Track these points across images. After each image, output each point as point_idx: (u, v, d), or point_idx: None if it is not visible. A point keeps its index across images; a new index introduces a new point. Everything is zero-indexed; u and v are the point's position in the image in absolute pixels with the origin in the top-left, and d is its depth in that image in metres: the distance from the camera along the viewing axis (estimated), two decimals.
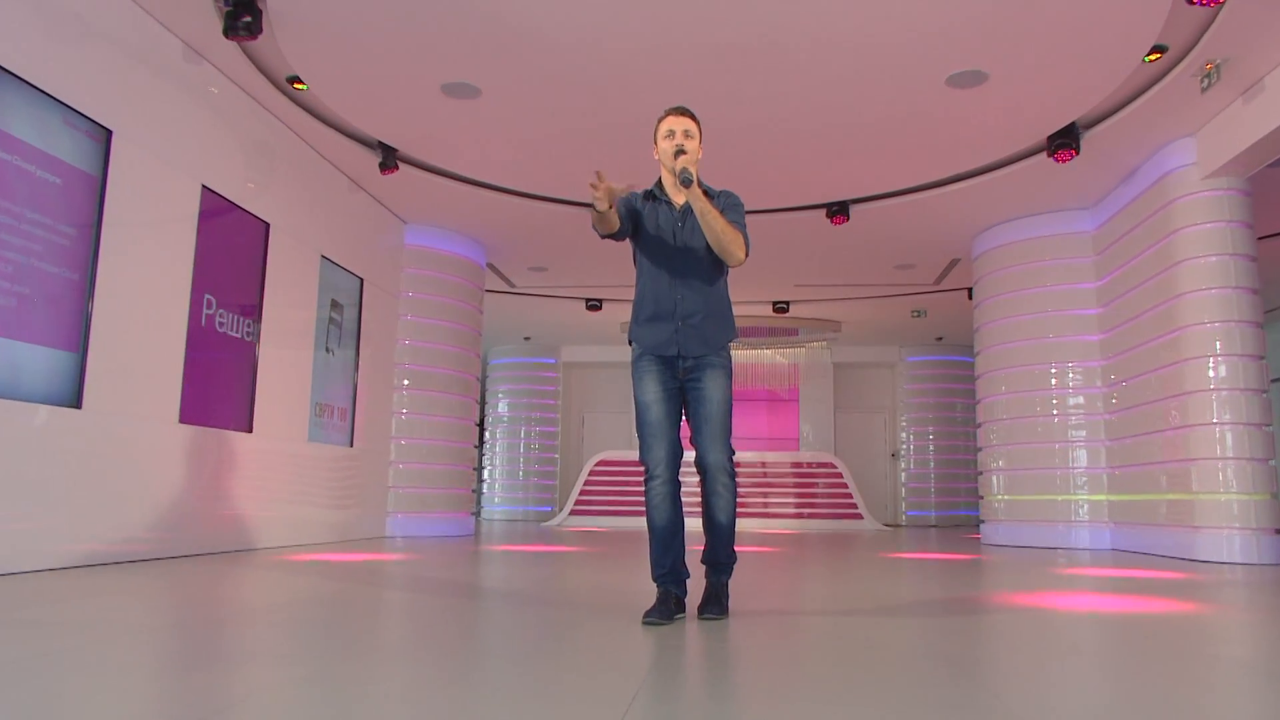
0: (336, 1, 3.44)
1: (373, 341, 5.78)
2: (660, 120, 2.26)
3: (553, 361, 11.10)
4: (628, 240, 2.32)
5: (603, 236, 2.19)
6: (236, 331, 4.21)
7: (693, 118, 2.25)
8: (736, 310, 8.60)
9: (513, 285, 8.00)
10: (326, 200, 5.16)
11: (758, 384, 10.55)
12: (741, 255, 2.17)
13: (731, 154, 4.84)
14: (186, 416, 3.82)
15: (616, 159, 4.82)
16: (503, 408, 10.98)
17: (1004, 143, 4.73)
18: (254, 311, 4.37)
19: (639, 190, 2.30)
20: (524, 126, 4.57)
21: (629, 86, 3.97)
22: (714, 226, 2.13)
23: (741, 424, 11.11)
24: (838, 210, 5.66)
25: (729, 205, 2.26)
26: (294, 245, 4.77)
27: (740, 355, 10.41)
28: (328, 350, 5.13)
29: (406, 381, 6.18)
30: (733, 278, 6.72)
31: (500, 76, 3.98)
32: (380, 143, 4.92)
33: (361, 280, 5.63)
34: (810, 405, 10.93)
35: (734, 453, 2.21)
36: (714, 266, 2.20)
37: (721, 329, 2.21)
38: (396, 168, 5.03)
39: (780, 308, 8.57)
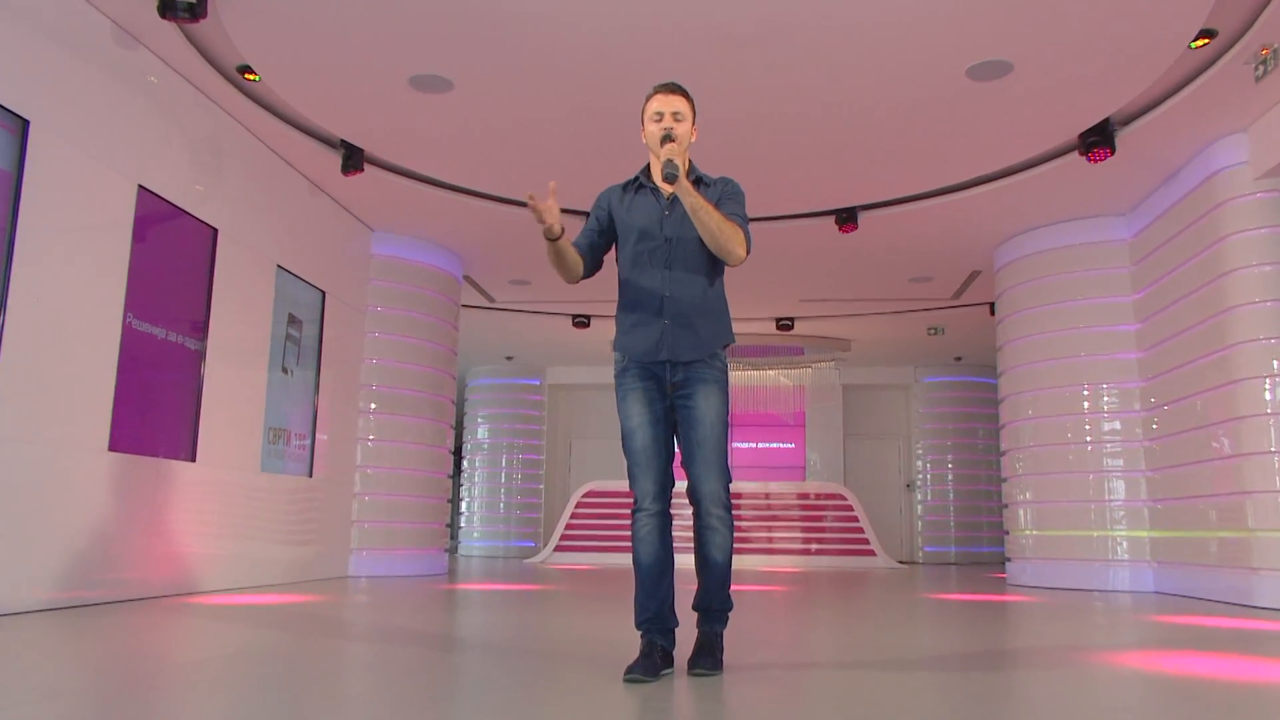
0: None
1: (336, 361, 5.69)
2: (648, 99, 2.19)
3: (537, 383, 11.03)
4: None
5: (568, 281, 2.14)
6: (178, 350, 4.08)
7: (684, 95, 2.19)
8: (735, 327, 8.56)
9: (492, 300, 7.94)
10: (284, 205, 5.07)
11: (760, 408, 10.48)
12: (742, 253, 2.10)
13: (726, 152, 4.77)
14: (118, 444, 3.66)
15: (604, 157, 4.73)
16: (482, 434, 10.88)
17: (1031, 141, 4.66)
18: (199, 327, 4.26)
19: (609, 189, 2.23)
20: (502, 123, 4.50)
21: (616, 76, 3.89)
22: (708, 224, 2.06)
23: (743, 451, 11.03)
24: (846, 218, 5.60)
25: (727, 195, 2.19)
26: (246, 254, 4.67)
27: (740, 376, 10.36)
28: (284, 370, 5.03)
29: (374, 405, 6.08)
30: (731, 291, 6.61)
31: (474, 67, 3.90)
32: (343, 141, 4.83)
33: (323, 293, 5.54)
34: (817, 431, 10.89)
35: (731, 481, 2.12)
36: (709, 260, 2.15)
37: (716, 331, 2.14)
38: (361, 169, 4.94)
39: (784, 325, 8.52)
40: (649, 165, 2.25)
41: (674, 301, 2.11)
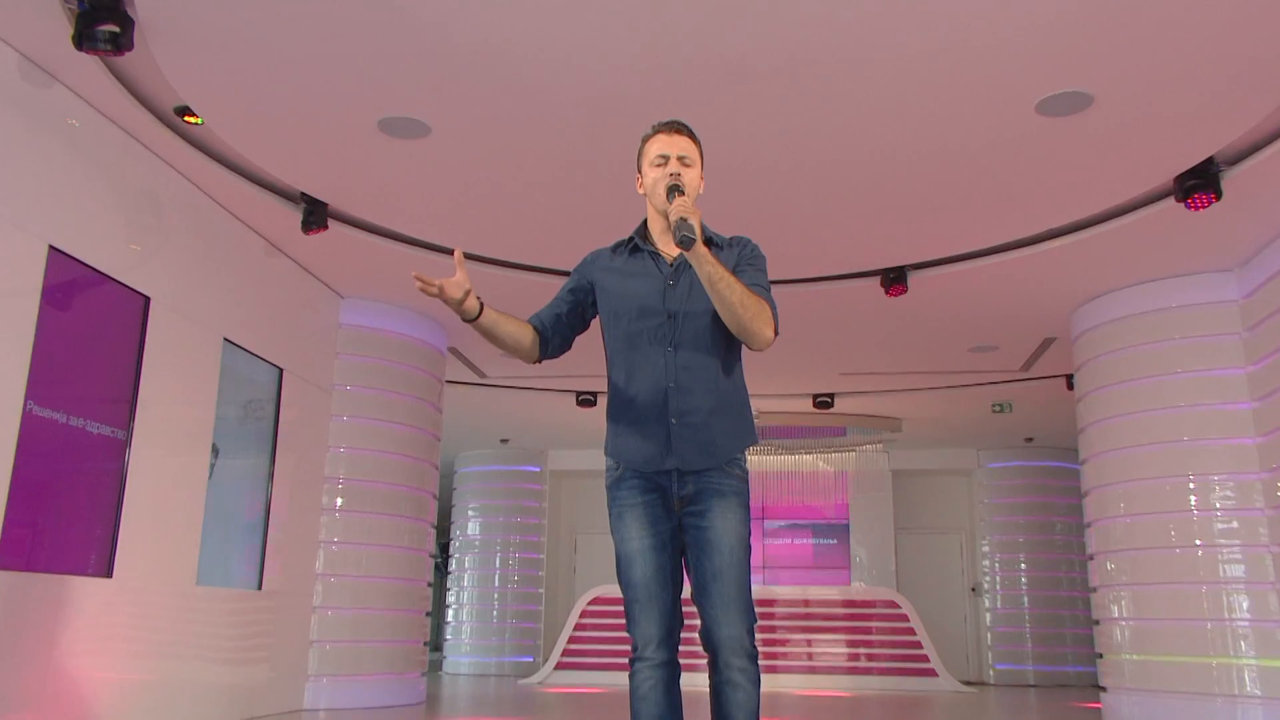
0: (233, 10, 3.21)
1: (295, 448, 5.51)
2: (646, 140, 2.13)
3: (536, 469, 10.89)
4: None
5: (527, 361, 2.13)
6: (95, 441, 3.87)
7: (691, 136, 2.13)
8: (765, 405, 8.55)
9: (484, 375, 7.80)
10: (234, 268, 4.95)
11: (796, 499, 10.36)
12: (769, 334, 2.01)
13: (749, 206, 4.64)
14: (7, 559, 3.37)
15: (606, 210, 4.60)
16: (473, 528, 10.66)
17: (1115, 186, 4.48)
18: (124, 413, 4.04)
19: (597, 252, 2.17)
20: (488, 172, 4.39)
21: (619, 120, 3.78)
22: (728, 298, 1.95)
23: (778, 549, 10.77)
24: (893, 279, 5.45)
25: (745, 259, 2.11)
26: (185, 326, 4.51)
27: (772, 462, 10.21)
28: (230, 460, 4.86)
29: (340, 501, 5.87)
30: (759, 365, 6.62)
31: (454, 109, 3.80)
32: (303, 195, 4.71)
33: (280, 371, 5.39)
34: (864, 524, 10.65)
35: (756, 621, 2.00)
36: (724, 340, 2.06)
37: (736, 430, 2.06)
38: (325, 226, 4.80)
39: (822, 402, 8.36)
40: (645, 222, 2.17)
41: (682, 394, 2.01)
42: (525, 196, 4.62)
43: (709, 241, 2.12)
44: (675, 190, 2.01)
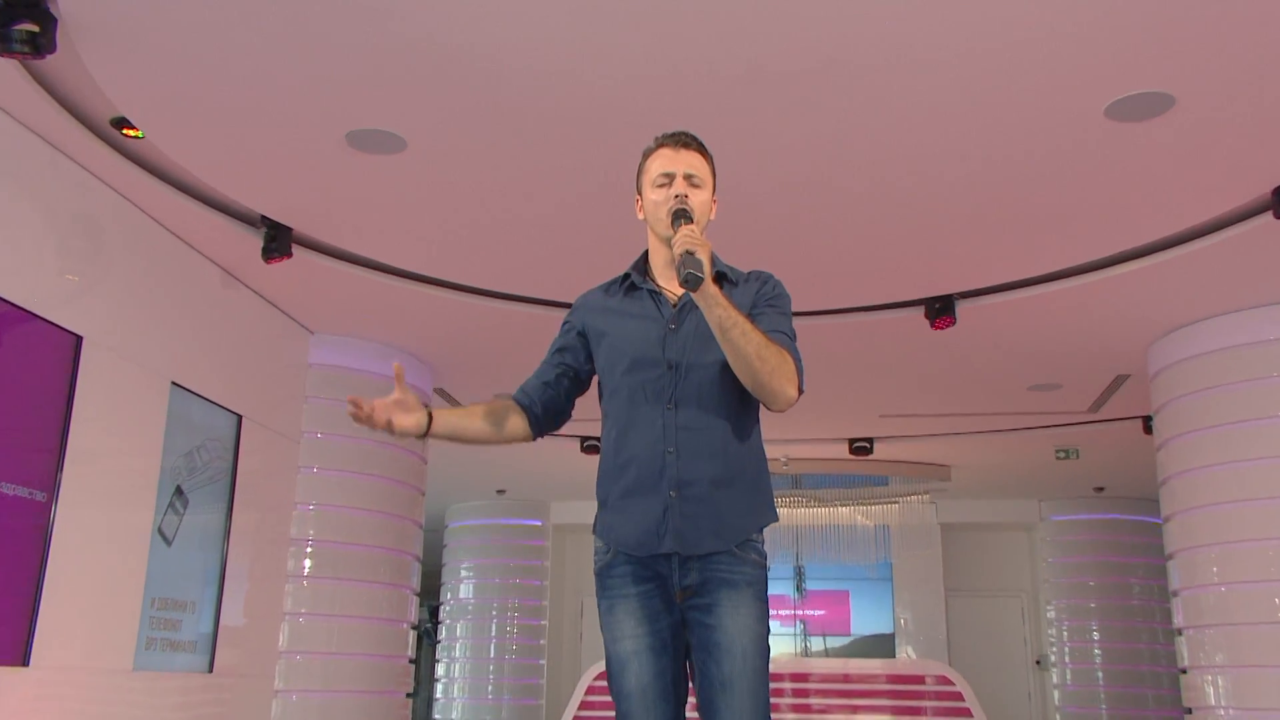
0: (174, 6, 3.12)
1: (255, 506, 5.40)
2: (647, 156, 2.10)
3: (538, 523, 10.87)
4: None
5: (528, 440, 2.15)
6: (11, 504, 3.74)
7: (701, 151, 2.09)
8: (795, 450, 8.53)
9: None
10: (184, 302, 4.87)
11: (832, 557, 10.30)
12: (792, 392, 1.95)
13: (771, 228, 4.57)
14: None
15: (610, 233, 4.49)
16: (466, 591, 10.62)
17: (1200, 201, 4.34)
18: (48, 471, 3.91)
19: (589, 293, 2.17)
20: (471, 193, 4.34)
21: (622, 133, 3.70)
22: (744, 349, 1.89)
23: (812, 616, 10.81)
24: (940, 309, 5.37)
25: (765, 300, 2.07)
26: (125, 369, 4.40)
27: (804, 515, 10.11)
28: (177, 518, 4.76)
29: (308, 565, 5.76)
30: (773, 416, 6.64)
31: (434, 119, 3.75)
32: (263, 218, 4.64)
33: (239, 418, 5.30)
34: (909, 586, 10.66)
35: None
36: (736, 397, 2.00)
37: (748, 507, 1.99)
38: (289, 253, 4.72)
39: (860, 448, 8.27)
40: (645, 255, 2.13)
41: (683, 461, 1.94)
42: (516, 218, 4.58)
43: (720, 278, 2.05)
44: (681, 216, 1.95)
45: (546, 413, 2.11)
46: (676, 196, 1.99)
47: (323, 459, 5.88)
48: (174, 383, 4.71)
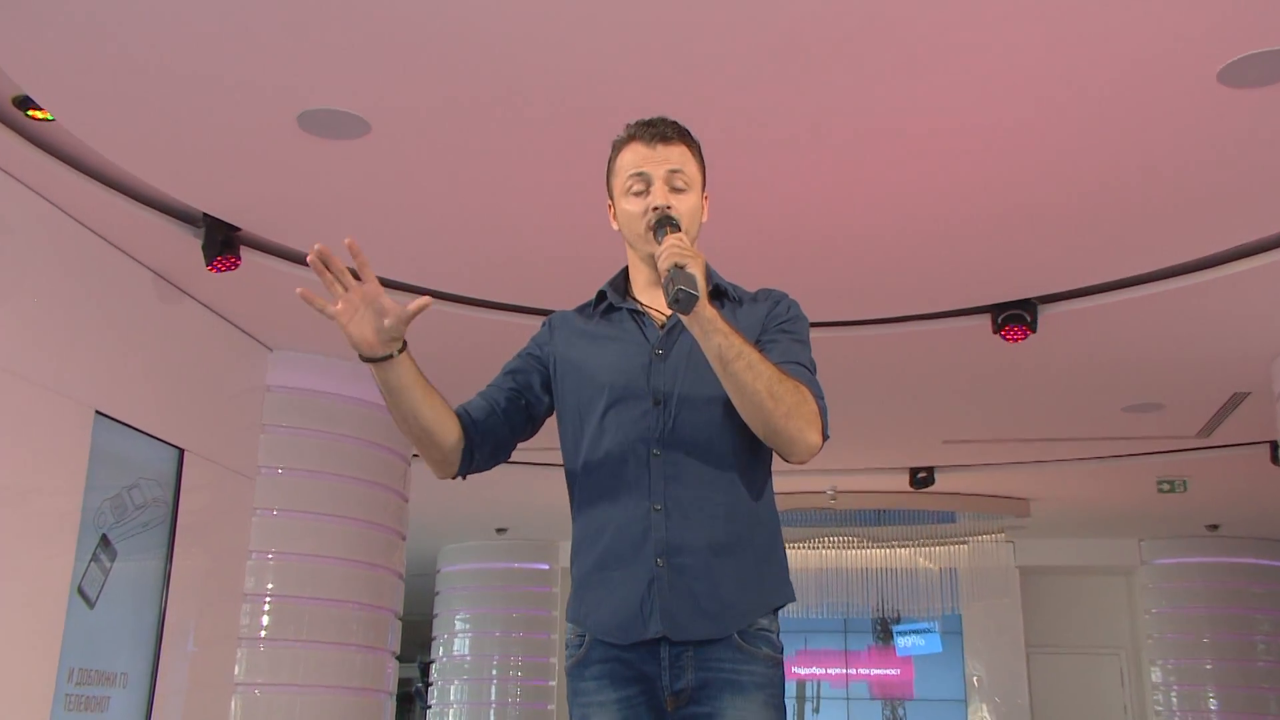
0: None
1: (201, 555, 5.35)
2: (617, 149, 2.05)
3: (545, 568, 10.88)
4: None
5: (439, 469, 1.99)
6: None
7: (685, 141, 2.02)
8: (845, 482, 8.49)
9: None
10: (112, 316, 4.81)
11: (890, 608, 10.35)
12: (813, 437, 1.85)
13: (804, 222, 4.53)
14: None
15: (599, 230, 4.36)
16: (462, 646, 10.65)
17: None
18: None
19: (560, 316, 2.12)
20: (448, 185, 4.31)
21: (622, 115, 3.61)
22: (749, 383, 1.80)
23: (868, 676, 10.99)
24: (1014, 316, 5.31)
25: (776, 323, 2.01)
26: (37, 396, 4.33)
27: (855, 558, 10.08)
28: (102, 573, 4.69)
29: (265, 625, 5.72)
30: (833, 431, 6.72)
31: (400, 99, 3.71)
32: (205, 216, 4.58)
33: (180, 452, 5.24)
34: (983, 639, 10.66)
35: None
36: (742, 443, 1.93)
37: (757, 581, 1.91)
38: (235, 258, 4.66)
39: (922, 479, 8.25)
40: (626, 270, 2.08)
41: (673, 522, 1.87)
42: (503, 214, 4.55)
43: (719, 295, 1.99)
44: (665, 225, 1.88)
45: (486, 443, 1.97)
46: (654, 208, 1.92)
47: (284, 499, 5.84)
48: (99, 412, 4.64)
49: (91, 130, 3.89)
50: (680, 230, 1.88)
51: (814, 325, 6.81)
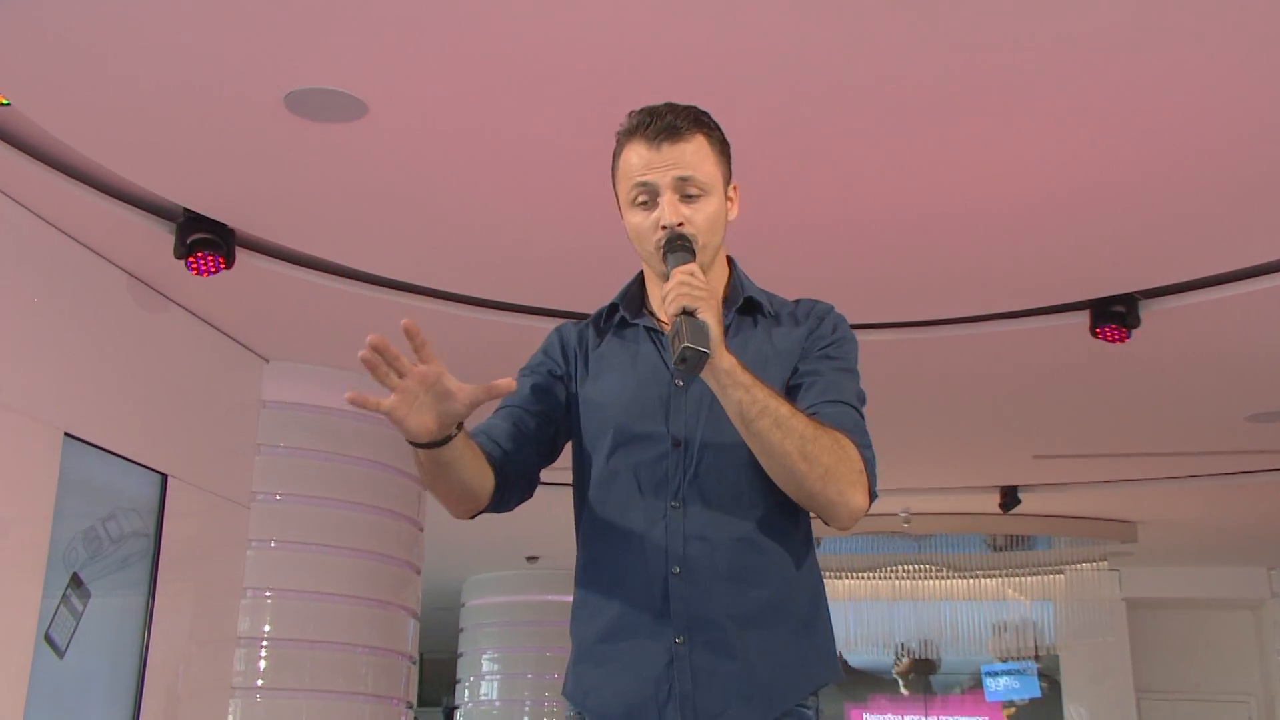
0: None
1: (188, 595, 5.37)
2: (621, 144, 2.00)
3: None
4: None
5: (460, 513, 1.95)
6: None
7: (697, 129, 1.95)
8: (919, 504, 8.55)
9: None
10: (84, 325, 4.82)
11: (975, 647, 10.41)
12: (859, 499, 1.82)
13: (869, 207, 4.54)
14: None
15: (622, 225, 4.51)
16: (489, 688, 10.71)
17: None
18: None
19: (569, 329, 2.11)
20: (456, 173, 4.34)
21: (656, 81, 3.64)
22: (777, 443, 1.77)
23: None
24: (1112, 314, 5.26)
25: (819, 349, 1.95)
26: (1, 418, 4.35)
27: (934, 588, 10.13)
28: (74, 618, 4.71)
29: (262, 671, 5.71)
30: (902, 443, 6.78)
31: (401, 76, 3.73)
32: (186, 211, 4.61)
33: (163, 478, 5.24)
34: (1084, 681, 10.69)
35: None
36: (776, 494, 1.88)
37: (797, 658, 1.89)
38: (221, 258, 4.67)
39: (1010, 500, 8.23)
40: (641, 277, 2.07)
41: (697, 588, 1.84)
42: (511, 207, 4.56)
43: (750, 310, 1.96)
44: (676, 250, 1.83)
45: (519, 482, 1.96)
46: (663, 225, 1.86)
47: (282, 529, 5.83)
48: (69, 434, 4.64)
49: (50, 115, 3.90)
50: (694, 255, 1.82)
51: (883, 326, 6.72)
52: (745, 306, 1.97)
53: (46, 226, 4.55)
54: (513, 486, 1.94)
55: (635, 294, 2.05)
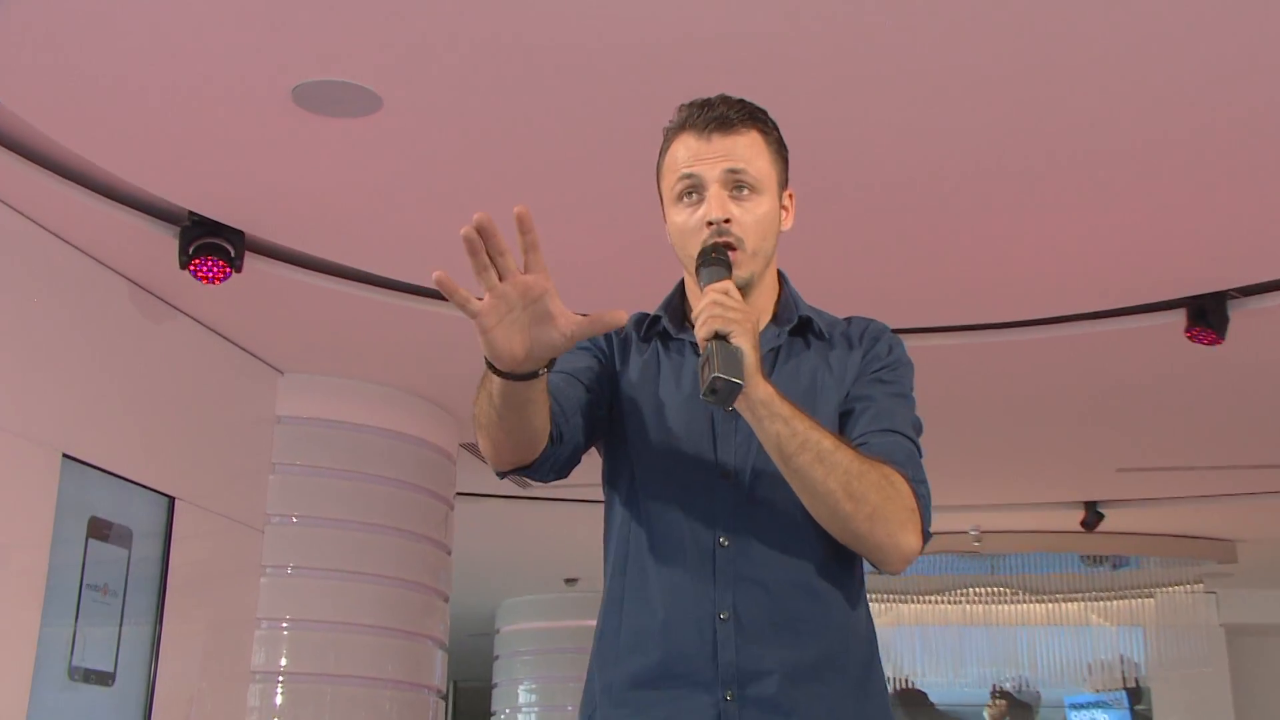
0: None
1: (196, 624, 5.37)
2: (668, 141, 2.01)
3: None
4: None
5: (501, 463, 1.84)
6: None
7: (752, 123, 1.95)
8: (991, 521, 8.59)
9: (527, 484, 7.75)
10: (84, 337, 4.85)
11: (1056, 677, 10.43)
12: (911, 540, 1.79)
13: (942, 198, 4.50)
14: None
15: (657, 224, 4.54)
16: None
17: None
18: None
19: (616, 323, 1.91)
20: (477, 171, 4.37)
21: (689, 87, 3.69)
22: (820, 481, 1.75)
23: None
24: (1203, 315, 5.24)
25: (873, 373, 1.93)
26: None
27: (1005, 614, 10.13)
28: (73, 641, 4.72)
29: (279, 707, 5.74)
30: (970, 457, 6.94)
31: (419, 68, 3.75)
32: (190, 214, 4.64)
33: (170, 500, 5.27)
34: (1177, 714, 10.64)
35: None
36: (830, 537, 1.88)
37: (853, 712, 1.86)
38: (228, 264, 4.70)
39: (1092, 516, 8.25)
40: (682, 286, 2.05)
41: (746, 637, 1.81)
42: (540, 207, 4.45)
43: (803, 330, 1.94)
44: (713, 263, 1.81)
45: (565, 446, 1.87)
46: (710, 222, 1.83)
47: (299, 554, 5.85)
48: (67, 455, 4.66)
49: (42, 113, 3.92)
50: (730, 271, 1.79)
51: (953, 330, 6.66)
52: (799, 327, 1.94)
53: (40, 231, 4.57)
54: (559, 452, 1.86)
55: (677, 305, 2.01)
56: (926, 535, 1.81)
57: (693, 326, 1.90)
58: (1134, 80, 3.91)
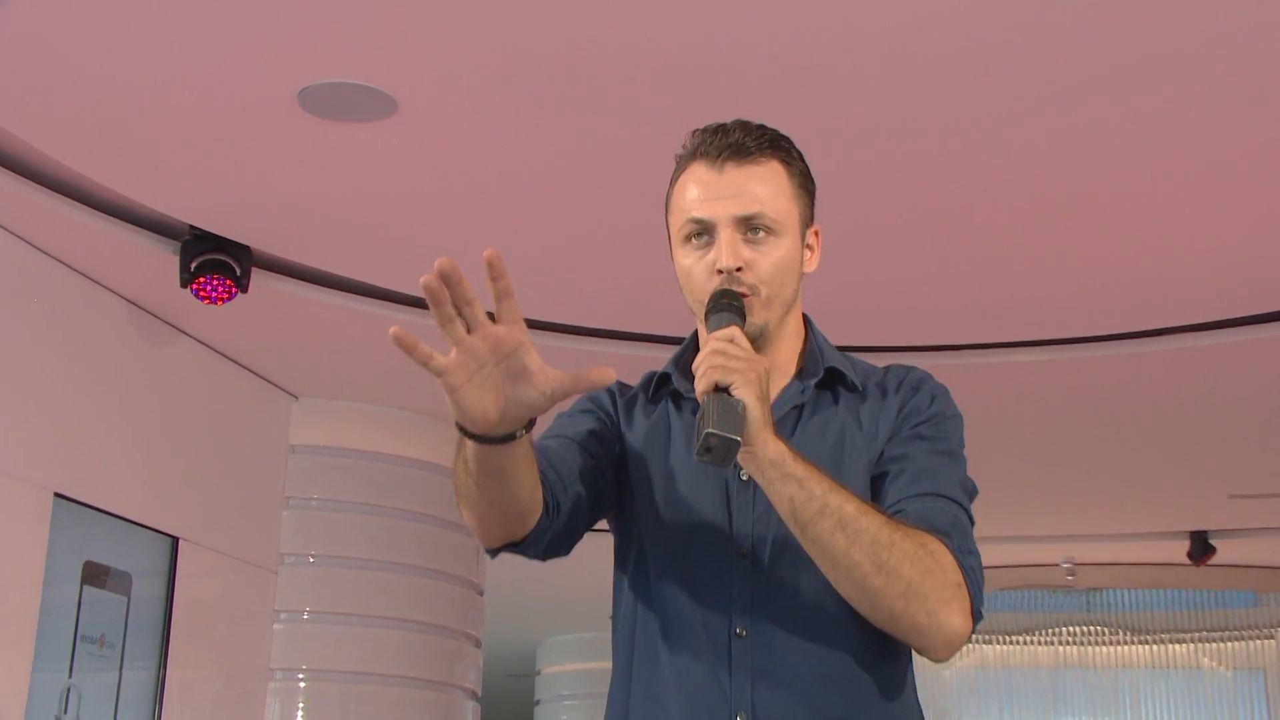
0: None
1: (203, 675, 5.43)
2: (678, 170, 1.97)
3: None
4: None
5: (490, 539, 1.80)
6: None
7: (772, 152, 1.90)
8: (1084, 552, 8.66)
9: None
10: (78, 364, 4.89)
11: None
12: (956, 622, 1.72)
13: (1031, 195, 4.49)
14: None
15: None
16: None
17: None
18: None
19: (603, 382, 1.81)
20: (499, 180, 4.41)
21: (719, 97, 3.74)
22: (843, 551, 1.70)
23: None
24: None
25: (912, 427, 1.88)
26: None
27: (1105, 656, 10.14)
28: (65, 698, 4.80)
29: None
30: (1054, 480, 7.02)
31: (436, 69, 3.79)
32: (191, 229, 4.70)
33: (173, 541, 5.32)
34: None
35: None
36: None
37: None
38: (233, 282, 4.74)
39: (1201, 547, 8.27)
40: (695, 339, 1.99)
41: None
42: (564, 218, 4.63)
43: (831, 382, 1.88)
44: (721, 309, 1.76)
45: (563, 519, 1.81)
46: (720, 270, 1.78)
47: (315, 597, 5.89)
48: (59, 494, 4.70)
49: (31, 125, 3.98)
50: (743, 319, 1.74)
51: (1039, 344, 6.58)
52: (827, 379, 1.88)
53: (27, 248, 4.61)
54: (555, 525, 1.80)
55: (689, 361, 1.93)
56: (978, 615, 1.73)
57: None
58: (1225, 81, 3.82)
